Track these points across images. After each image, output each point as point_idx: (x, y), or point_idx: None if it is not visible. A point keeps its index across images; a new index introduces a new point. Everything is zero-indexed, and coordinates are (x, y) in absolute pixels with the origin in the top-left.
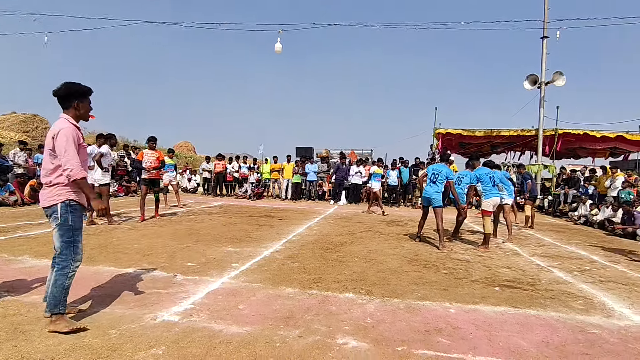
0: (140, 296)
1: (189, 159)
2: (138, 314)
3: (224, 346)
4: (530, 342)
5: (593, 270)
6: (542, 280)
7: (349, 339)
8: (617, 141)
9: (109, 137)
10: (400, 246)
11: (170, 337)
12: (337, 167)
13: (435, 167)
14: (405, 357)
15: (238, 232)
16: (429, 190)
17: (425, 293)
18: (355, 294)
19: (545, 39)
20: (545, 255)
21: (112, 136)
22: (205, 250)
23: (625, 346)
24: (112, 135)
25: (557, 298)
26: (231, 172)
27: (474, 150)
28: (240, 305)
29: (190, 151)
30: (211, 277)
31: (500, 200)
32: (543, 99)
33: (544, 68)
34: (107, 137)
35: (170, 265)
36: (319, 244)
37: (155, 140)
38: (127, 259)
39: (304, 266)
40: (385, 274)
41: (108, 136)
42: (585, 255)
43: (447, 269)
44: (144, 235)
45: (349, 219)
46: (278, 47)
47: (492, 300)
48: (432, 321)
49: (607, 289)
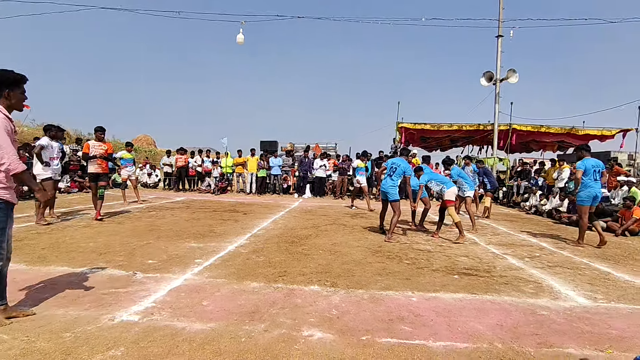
0: (96, 296)
1: (149, 153)
2: (94, 315)
3: (187, 344)
4: (486, 325)
5: (542, 257)
6: (497, 267)
7: (315, 331)
8: (564, 136)
9: (48, 128)
10: (364, 238)
11: (130, 338)
12: (300, 161)
13: (394, 161)
14: (369, 346)
15: (201, 228)
16: (385, 184)
17: (388, 283)
18: (321, 286)
19: (500, 37)
20: (500, 244)
21: (51, 127)
22: (167, 247)
23: (570, 325)
24: (52, 127)
25: (510, 283)
26: (194, 167)
27: (435, 144)
28: (204, 301)
29: (150, 145)
30: (173, 274)
31: (462, 193)
32: (498, 95)
33: (499, 65)
34: (46, 128)
35: (129, 264)
36: (284, 237)
37: (104, 131)
38: (81, 258)
39: (269, 260)
40: (349, 265)
41: (47, 127)
42: (535, 242)
43: (410, 259)
44: (99, 232)
45: (313, 212)
46: (240, 38)
47: (452, 287)
48: (395, 310)
49: (554, 273)
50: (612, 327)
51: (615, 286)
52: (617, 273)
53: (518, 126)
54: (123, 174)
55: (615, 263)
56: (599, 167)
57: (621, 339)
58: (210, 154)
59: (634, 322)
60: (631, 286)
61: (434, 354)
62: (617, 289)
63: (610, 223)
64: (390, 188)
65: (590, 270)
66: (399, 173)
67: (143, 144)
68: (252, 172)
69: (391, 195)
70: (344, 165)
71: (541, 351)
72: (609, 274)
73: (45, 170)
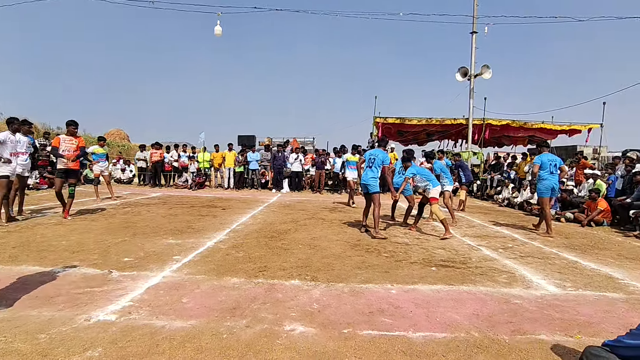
0: (70, 296)
1: (122, 148)
2: (69, 315)
3: (168, 342)
4: (463, 315)
5: (514, 247)
6: (473, 259)
7: (297, 325)
8: (535, 130)
9: (10, 122)
10: (343, 232)
11: (107, 338)
12: (273, 156)
13: (372, 152)
14: (351, 338)
15: (179, 224)
16: (365, 177)
17: (368, 276)
18: (301, 281)
19: (475, 34)
20: (475, 236)
21: (13, 121)
22: (143, 244)
23: (542, 313)
24: (15, 120)
25: (485, 274)
26: (170, 162)
27: (412, 138)
28: (183, 298)
29: (124, 139)
30: (151, 271)
31: (442, 187)
32: (472, 91)
33: (473, 61)
34: (9, 121)
35: (104, 262)
36: (264, 232)
37: (77, 125)
38: (54, 257)
39: (249, 255)
40: (329, 259)
41: (10, 121)
42: (508, 234)
43: (388, 253)
44: (72, 230)
45: (292, 207)
46: (218, 30)
47: (430, 279)
48: (375, 302)
49: (526, 263)
50: (580, 313)
51: (583, 274)
52: (584, 262)
53: (492, 121)
54: (95, 169)
55: (582, 252)
56: (555, 161)
57: (589, 324)
58: (187, 149)
59: (600, 308)
60: (597, 274)
61: (413, 344)
62: (584, 277)
63: (577, 214)
64: (370, 180)
65: (560, 260)
66: (378, 164)
67: (116, 138)
68: (229, 167)
69: (372, 187)
70: (321, 159)
71: (515, 338)
72: (576, 263)
73: (2, 167)
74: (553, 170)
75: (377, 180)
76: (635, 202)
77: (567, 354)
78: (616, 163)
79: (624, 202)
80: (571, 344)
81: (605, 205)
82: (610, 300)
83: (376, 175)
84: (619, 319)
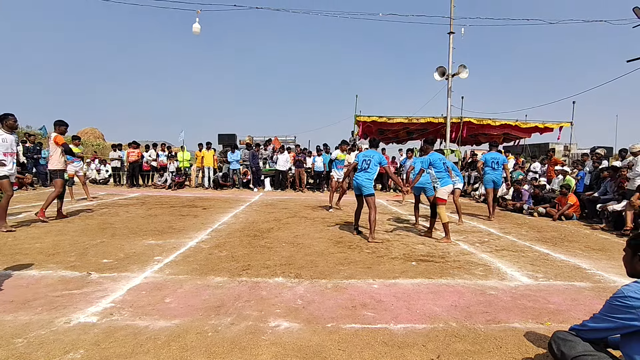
0: (48, 299)
1: (97, 147)
2: (48, 318)
3: (152, 342)
4: (442, 307)
5: (490, 241)
6: (451, 253)
7: (281, 321)
8: (510, 128)
9: (3, 117)
10: (325, 229)
11: (89, 340)
12: (251, 155)
13: (365, 154)
14: (335, 332)
15: (159, 224)
16: (359, 177)
17: (350, 272)
18: (285, 278)
19: (452, 34)
20: (453, 231)
21: (6, 116)
22: (123, 245)
23: (515, 302)
24: (8, 115)
25: (462, 267)
26: (148, 161)
27: (392, 137)
28: (166, 298)
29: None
30: (132, 272)
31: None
32: (450, 90)
33: (451, 61)
34: (1, 118)
35: (82, 264)
36: (246, 231)
37: (67, 125)
38: (28, 261)
39: (232, 254)
40: (312, 257)
41: (2, 117)
42: (485, 228)
43: (370, 249)
44: (47, 232)
45: (274, 206)
46: (196, 28)
47: (410, 273)
48: (357, 297)
49: (501, 256)
50: (551, 302)
51: (553, 266)
52: (555, 254)
53: (469, 119)
54: (70, 169)
55: (553, 245)
56: (498, 159)
57: (558, 312)
58: (164, 148)
59: (568, 296)
60: (566, 265)
61: (395, 336)
62: (554, 268)
63: (549, 209)
64: (365, 181)
65: (532, 252)
66: (374, 165)
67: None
68: (208, 165)
69: (366, 188)
70: (299, 157)
71: (490, 327)
72: (548, 255)
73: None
74: (495, 167)
75: (371, 182)
76: (602, 197)
77: (538, 340)
78: (585, 160)
79: (591, 196)
80: (542, 331)
81: (574, 200)
82: (578, 289)
83: (371, 177)
84: (585, 306)
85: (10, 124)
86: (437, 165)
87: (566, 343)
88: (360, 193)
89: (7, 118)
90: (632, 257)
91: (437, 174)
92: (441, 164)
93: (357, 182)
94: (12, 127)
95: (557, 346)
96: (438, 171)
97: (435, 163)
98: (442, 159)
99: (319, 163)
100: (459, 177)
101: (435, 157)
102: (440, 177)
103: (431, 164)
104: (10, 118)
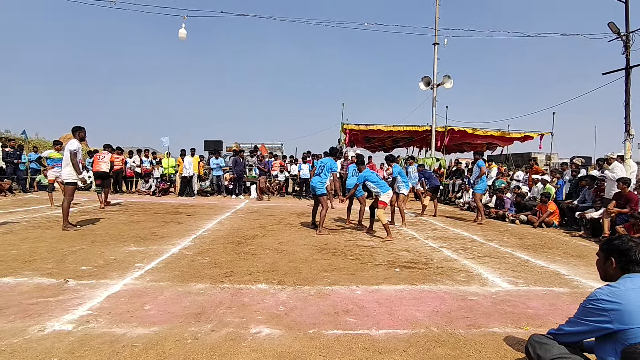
0: (22, 307)
1: None
2: (21, 326)
3: (129, 350)
4: (424, 312)
5: (473, 248)
6: (434, 260)
7: (263, 328)
8: (493, 137)
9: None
10: (310, 236)
11: (63, 348)
12: (234, 162)
13: (322, 161)
14: (316, 338)
15: (142, 231)
16: (314, 181)
17: (334, 279)
18: (268, 285)
19: (436, 45)
20: (437, 238)
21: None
22: (103, 252)
23: (495, 308)
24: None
25: (445, 273)
26: (132, 167)
27: (379, 145)
28: (146, 305)
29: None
30: (111, 279)
31: (398, 190)
32: (435, 99)
33: (435, 71)
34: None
35: (59, 271)
36: (231, 238)
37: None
38: (3, 268)
39: (215, 261)
40: (296, 263)
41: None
42: (467, 235)
43: (354, 255)
44: (23, 239)
45: (260, 213)
46: (182, 33)
47: (393, 280)
48: (340, 303)
49: (483, 262)
50: (529, 307)
51: (533, 272)
52: (535, 260)
53: (455, 128)
54: (50, 175)
55: (533, 252)
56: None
57: (537, 316)
58: (149, 154)
59: (547, 301)
60: (546, 271)
61: (376, 341)
62: (534, 274)
63: (530, 216)
64: (318, 184)
65: (513, 259)
66: (327, 171)
67: None
68: (194, 172)
69: (319, 189)
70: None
71: (471, 332)
72: (528, 261)
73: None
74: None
75: (324, 184)
76: (580, 205)
77: (517, 344)
78: (564, 169)
79: (571, 204)
80: (520, 335)
81: (554, 208)
82: (556, 294)
83: (323, 180)
84: (563, 310)
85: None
86: (371, 178)
87: (542, 346)
88: (315, 193)
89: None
90: (605, 261)
91: (374, 185)
92: (375, 177)
93: (312, 184)
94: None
95: (534, 349)
96: (374, 183)
97: (369, 178)
98: (374, 173)
99: (305, 170)
100: (404, 184)
101: (367, 173)
102: (379, 186)
103: (366, 179)
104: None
